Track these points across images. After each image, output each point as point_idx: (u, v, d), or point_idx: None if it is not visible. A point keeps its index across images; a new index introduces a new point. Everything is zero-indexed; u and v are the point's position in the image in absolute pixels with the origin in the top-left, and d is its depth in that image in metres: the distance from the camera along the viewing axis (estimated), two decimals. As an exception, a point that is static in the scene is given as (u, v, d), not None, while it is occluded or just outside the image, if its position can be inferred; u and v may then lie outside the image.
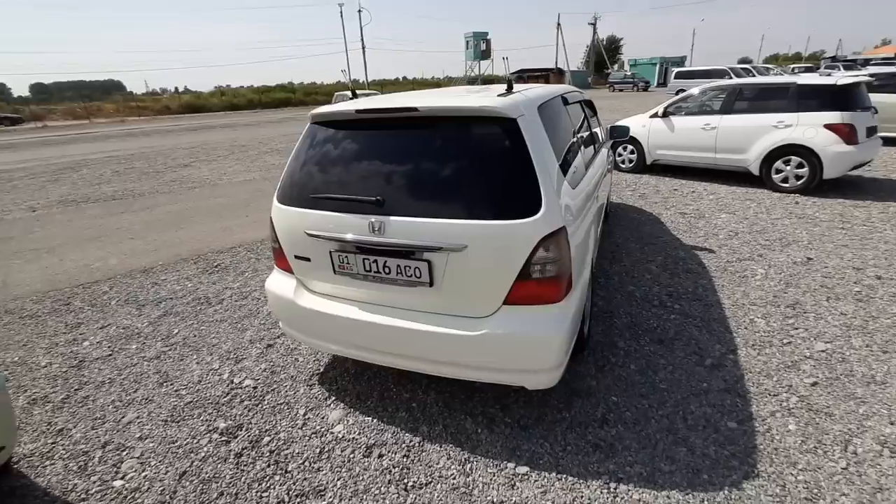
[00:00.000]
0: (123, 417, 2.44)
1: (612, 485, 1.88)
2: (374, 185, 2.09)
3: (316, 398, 2.51)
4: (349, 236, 2.05)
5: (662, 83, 45.13)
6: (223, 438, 2.25)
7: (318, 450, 2.15)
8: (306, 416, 2.37)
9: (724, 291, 3.52)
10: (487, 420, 2.27)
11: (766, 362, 2.64)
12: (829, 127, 5.66)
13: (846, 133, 5.60)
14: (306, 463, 2.08)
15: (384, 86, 44.72)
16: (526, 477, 1.94)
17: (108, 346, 3.16)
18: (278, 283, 2.43)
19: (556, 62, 55.84)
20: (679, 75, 25.45)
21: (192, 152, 13.19)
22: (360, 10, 41.52)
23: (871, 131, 5.94)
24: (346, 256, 2.11)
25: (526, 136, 1.92)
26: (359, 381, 2.62)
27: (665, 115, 7.30)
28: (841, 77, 6.08)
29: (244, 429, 2.31)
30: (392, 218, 1.97)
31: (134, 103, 39.71)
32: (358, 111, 2.07)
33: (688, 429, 2.17)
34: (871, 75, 7.51)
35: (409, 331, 2.04)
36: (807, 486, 1.84)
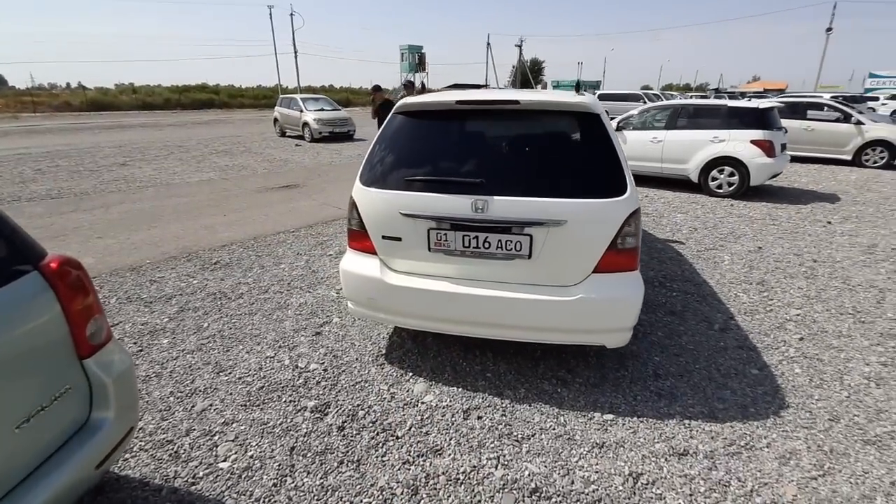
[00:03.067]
0: (194, 406, 2.35)
1: (686, 421, 2.23)
2: (473, 168, 2.29)
3: (391, 375, 2.60)
4: (453, 214, 2.22)
5: (582, 103, 48.89)
6: (316, 415, 2.28)
7: (418, 417, 2.26)
8: (391, 391, 2.46)
9: (705, 274, 4.12)
10: (561, 382, 2.53)
11: (760, 324, 3.19)
12: (754, 142, 6.75)
13: (767, 147, 6.72)
14: (412, 429, 2.19)
15: (315, 92, 43.63)
16: (613, 422, 2.23)
17: (133, 343, 2.95)
18: (359, 264, 2.51)
19: (486, 79, 58.26)
20: (601, 97, 27.91)
21: (121, 151, 12.02)
22: (292, 14, 40.29)
23: (783, 147, 7.17)
24: (445, 234, 2.27)
25: (608, 129, 2.25)
26: (426, 359, 2.75)
27: (618, 129, 8.15)
28: (761, 102, 7.28)
29: (333, 406, 2.35)
30: (495, 197, 2.18)
31: (29, 98, 34.73)
32: (459, 102, 2.26)
33: (723, 377, 2.60)
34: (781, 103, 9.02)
35: (506, 300, 2.25)
36: (826, 411, 2.33)
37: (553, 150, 2.24)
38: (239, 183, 8.18)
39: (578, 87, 2.63)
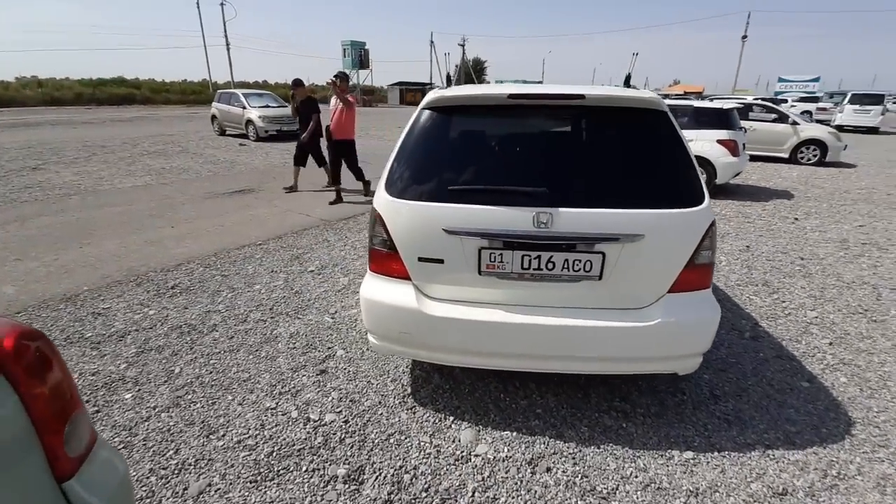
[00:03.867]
0: (186, 489, 1.81)
1: (769, 452, 2.03)
2: (531, 175, 1.93)
3: (428, 422, 2.19)
4: (512, 230, 1.86)
5: (524, 103, 50.06)
6: (352, 487, 1.82)
7: (478, 477, 1.88)
8: (434, 444, 2.05)
9: (710, 276, 4.05)
10: (621, 414, 2.25)
11: (786, 330, 3.12)
12: (720, 142, 6.95)
13: (732, 147, 6.94)
14: (477, 494, 1.80)
15: (249, 87, 41.06)
16: (696, 461, 1.98)
17: (85, 401, 2.30)
18: (386, 292, 2.07)
19: (431, 77, 58.02)
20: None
21: (31, 153, 10.37)
22: (222, 4, 37.56)
23: (744, 146, 7.46)
24: (499, 254, 1.90)
25: (678, 129, 1.98)
26: (461, 396, 2.37)
27: None
28: (725, 103, 7.53)
29: (370, 470, 1.90)
30: (561, 210, 1.85)
31: None
32: (512, 96, 1.89)
33: (779, 393, 2.45)
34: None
35: (572, 328, 1.92)
36: (892, 424, 2.22)
37: (622, 153, 1.94)
38: (182, 188, 7.24)
39: (628, 81, 2.37)
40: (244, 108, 13.69)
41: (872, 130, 19.76)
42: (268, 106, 14.16)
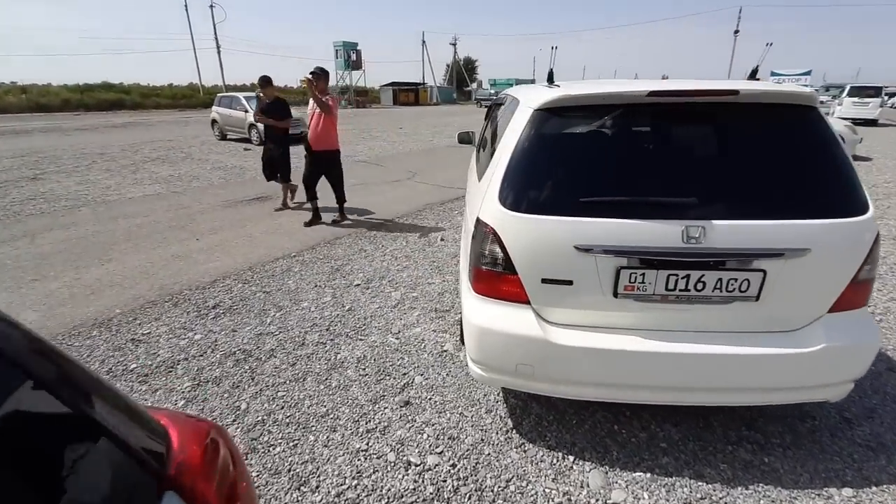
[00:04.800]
0: (292, 558, 1.55)
1: (936, 487, 1.81)
2: (677, 183, 1.69)
3: (545, 462, 1.94)
4: (656, 246, 1.62)
5: (518, 101, 50.03)
6: (486, 549, 1.57)
7: (626, 531, 1.64)
8: (563, 491, 1.81)
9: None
10: (756, 446, 2.02)
11: (887, 339, 2.92)
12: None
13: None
14: (632, 553, 1.56)
15: (242, 91, 40.48)
16: (858, 499, 1.76)
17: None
18: (500, 318, 1.82)
19: (423, 77, 57.74)
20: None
21: (26, 162, 9.95)
22: (212, 6, 36.96)
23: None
24: (641, 274, 1.66)
25: (833, 128, 1.76)
26: (570, 429, 2.12)
27: None
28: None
29: (499, 527, 1.65)
30: (715, 222, 1.61)
31: None
32: (653, 93, 1.65)
33: (911, 413, 2.24)
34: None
35: (725, 357, 1.69)
36: None
37: (777, 155, 1.71)
38: (197, 197, 6.92)
39: (551, 78, 2.15)
40: (246, 111, 13.31)
41: (871, 122, 19.84)
42: (270, 109, 13.78)
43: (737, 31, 40.05)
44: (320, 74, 4.93)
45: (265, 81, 5.72)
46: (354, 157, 10.70)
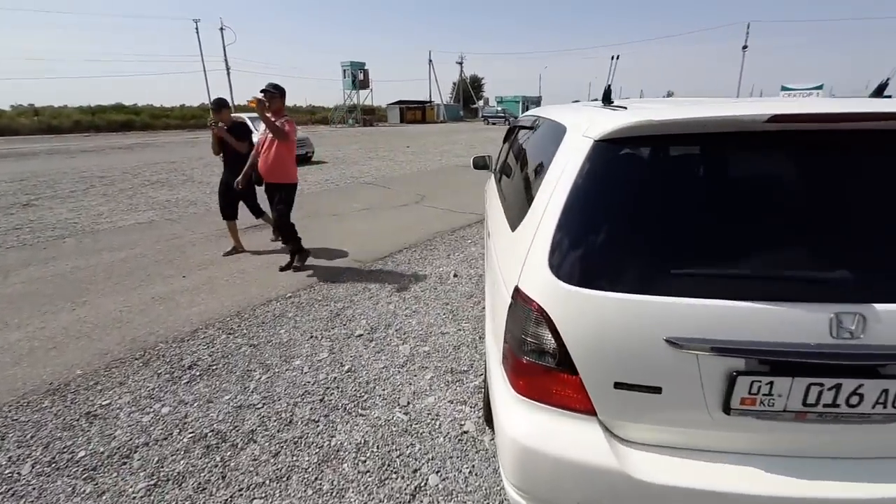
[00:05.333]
0: None
1: None
2: (817, 248, 1.17)
3: None
4: (791, 342, 1.09)
5: (525, 118, 50.07)
6: None
7: None
8: None
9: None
10: None
11: None
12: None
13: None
14: None
15: (245, 113, 40.82)
16: None
17: None
18: (555, 436, 1.28)
19: (430, 95, 58.12)
20: (554, 111, 28.27)
21: (22, 187, 9.66)
22: (222, 29, 37.55)
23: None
24: (768, 383, 1.13)
25: None
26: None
27: None
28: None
29: None
30: (880, 307, 1.08)
31: None
32: (776, 118, 1.13)
33: None
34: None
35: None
36: None
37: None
38: (191, 225, 6.49)
39: (609, 97, 1.64)
40: (253, 132, 13.05)
41: None
42: (274, 129, 13.54)
43: (745, 47, 39.82)
44: (274, 93, 4.19)
45: (219, 105, 4.80)
46: (361, 179, 10.31)
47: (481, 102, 71.46)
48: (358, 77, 41.08)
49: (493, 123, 42.58)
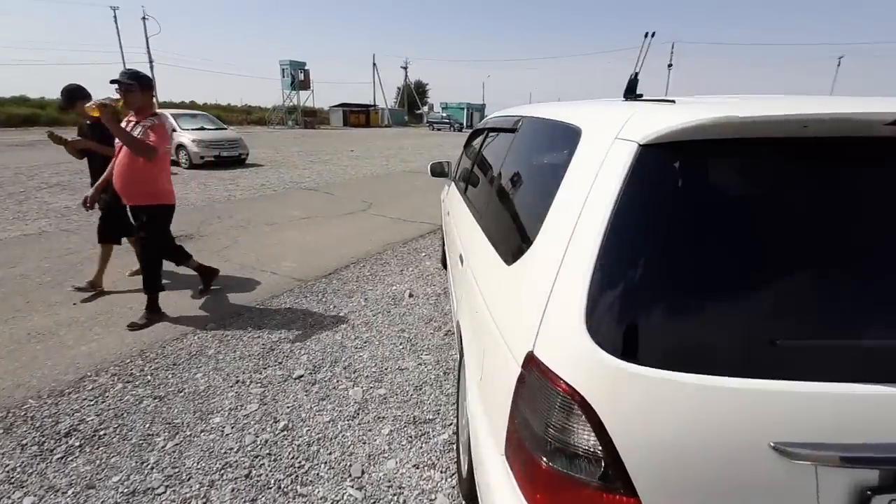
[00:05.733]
0: None
1: None
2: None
3: None
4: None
5: (469, 125, 50.64)
6: None
7: None
8: None
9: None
10: None
11: None
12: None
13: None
14: None
15: (175, 108, 37.60)
16: None
17: None
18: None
19: (374, 99, 57.13)
20: (499, 118, 28.66)
21: None
22: (144, 18, 34.33)
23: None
24: (914, 505, 0.77)
25: None
26: None
27: None
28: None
29: None
30: None
31: None
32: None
33: None
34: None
35: None
36: None
37: None
38: (92, 237, 5.45)
39: (633, 88, 1.35)
40: (174, 130, 11.78)
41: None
42: (203, 128, 12.35)
43: (670, 65, 42.84)
44: (131, 85, 2.99)
45: (71, 96, 3.52)
46: (301, 184, 9.52)
47: (426, 108, 71.49)
48: (298, 77, 39.37)
49: (439, 129, 42.55)
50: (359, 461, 2.03)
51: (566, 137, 1.26)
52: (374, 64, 56.00)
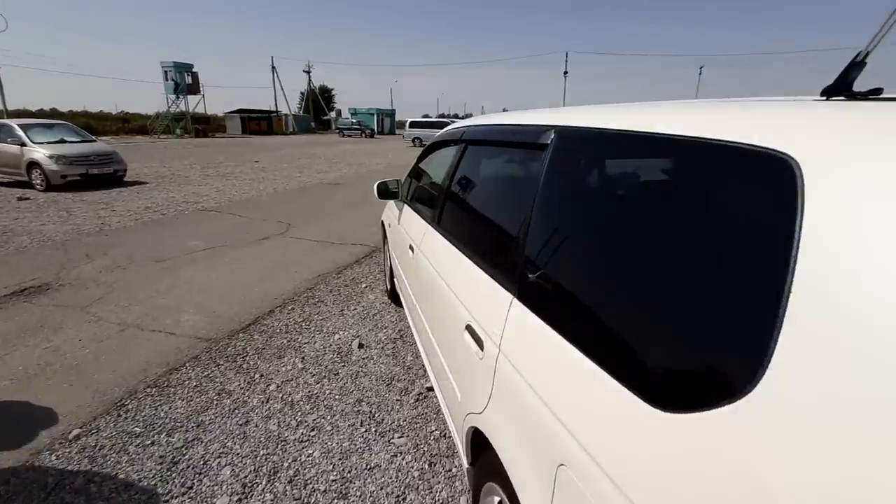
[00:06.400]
0: None
1: None
2: None
3: None
4: None
5: (381, 131, 49.75)
6: None
7: None
8: None
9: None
10: None
11: None
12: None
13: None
14: None
15: (23, 118, 31.46)
16: None
17: None
18: None
19: (276, 105, 53.66)
20: (413, 124, 28.37)
21: None
22: (-26, 8, 28.33)
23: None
24: None
25: None
26: None
27: None
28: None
29: None
30: None
31: None
32: None
33: None
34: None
35: None
36: None
37: None
38: None
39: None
40: (23, 144, 9.52)
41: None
42: (63, 141, 10.16)
43: (566, 73, 45.88)
44: None
45: None
46: (198, 205, 8.10)
47: (333, 114, 69.14)
48: (184, 81, 35.43)
49: (349, 136, 41.08)
50: None
51: (764, 177, 0.68)
52: (273, 67, 52.68)
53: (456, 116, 56.79)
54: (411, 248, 2.45)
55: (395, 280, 3.40)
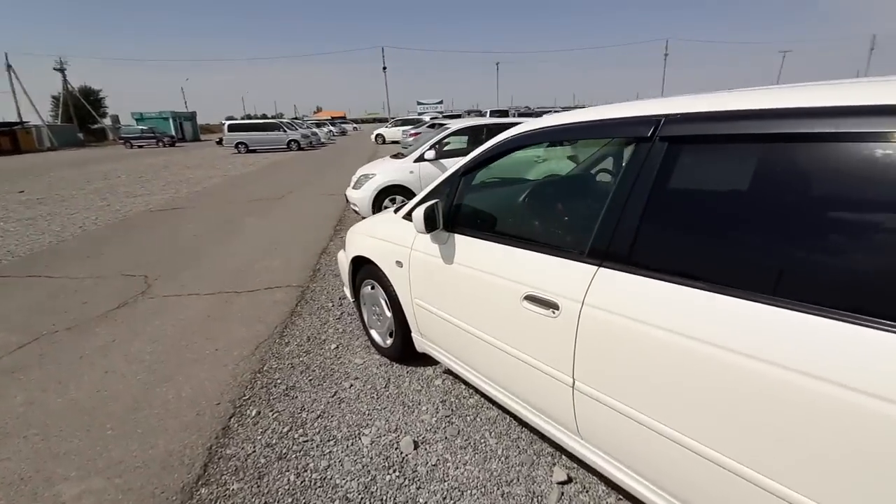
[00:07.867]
0: None
1: None
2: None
3: None
4: None
5: (181, 137, 42.44)
6: None
7: None
8: None
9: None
10: None
11: None
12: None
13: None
14: None
15: None
16: None
17: None
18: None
19: (20, 115, 40.73)
20: (232, 128, 24.78)
21: None
22: None
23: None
24: None
25: None
26: None
27: (437, 158, 6.57)
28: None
29: None
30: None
31: None
32: None
33: None
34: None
35: None
36: None
37: None
38: None
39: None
40: None
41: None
42: None
43: (384, 68, 46.02)
44: None
45: None
46: (-44, 270, 5.17)
47: (108, 120, 56.24)
48: None
49: (141, 146, 33.70)
50: None
51: None
52: (9, 66, 39.65)
53: (265, 118, 51.94)
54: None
55: (408, 330, 2.58)
